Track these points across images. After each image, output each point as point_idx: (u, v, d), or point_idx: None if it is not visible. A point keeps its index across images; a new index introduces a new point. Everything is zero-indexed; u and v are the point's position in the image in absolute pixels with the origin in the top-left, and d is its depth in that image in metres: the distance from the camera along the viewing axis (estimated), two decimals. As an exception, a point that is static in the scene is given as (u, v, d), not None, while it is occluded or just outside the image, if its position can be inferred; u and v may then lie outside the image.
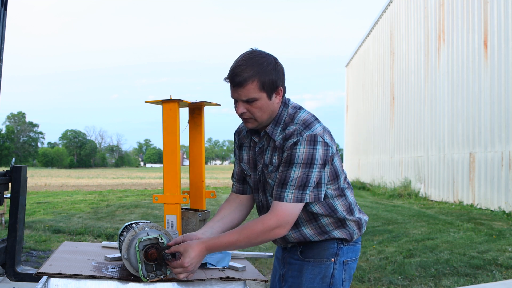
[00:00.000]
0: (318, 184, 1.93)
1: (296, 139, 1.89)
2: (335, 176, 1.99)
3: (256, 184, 2.09)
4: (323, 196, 1.96)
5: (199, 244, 1.89)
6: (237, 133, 2.21)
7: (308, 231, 2.03)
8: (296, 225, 2.02)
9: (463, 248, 6.56)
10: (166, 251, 1.91)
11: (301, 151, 1.87)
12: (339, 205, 2.01)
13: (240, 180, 2.19)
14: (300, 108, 2.03)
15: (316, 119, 1.99)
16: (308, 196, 1.91)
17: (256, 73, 1.89)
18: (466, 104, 12.40)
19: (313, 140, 1.88)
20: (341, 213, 2.02)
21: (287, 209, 1.89)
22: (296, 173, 1.87)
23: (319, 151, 1.88)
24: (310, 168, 1.87)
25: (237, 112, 1.98)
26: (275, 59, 1.97)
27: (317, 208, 1.99)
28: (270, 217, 1.89)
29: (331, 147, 1.94)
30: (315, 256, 2.04)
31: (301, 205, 1.91)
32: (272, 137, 1.98)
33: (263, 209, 2.10)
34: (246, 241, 1.89)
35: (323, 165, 1.91)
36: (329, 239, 2.04)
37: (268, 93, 1.93)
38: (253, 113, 1.95)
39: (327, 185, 1.97)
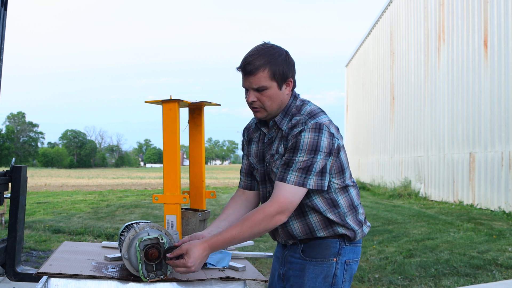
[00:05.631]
0: (322, 173, 1.92)
1: (301, 128, 1.92)
2: (341, 169, 2.00)
3: (263, 176, 2.11)
4: (326, 185, 1.95)
5: (202, 243, 1.88)
6: (246, 129, 2.25)
7: (314, 220, 2.01)
8: (303, 213, 2.02)
9: (463, 248, 6.56)
10: (168, 254, 1.90)
11: (306, 138, 1.89)
12: (342, 200, 2.02)
13: (248, 175, 2.22)
14: (308, 101, 2.07)
15: (323, 111, 2.02)
16: (311, 182, 1.90)
17: (267, 62, 1.94)
18: (466, 104, 12.40)
19: (318, 128, 1.91)
20: (343, 209, 2.01)
21: (287, 195, 1.88)
22: (300, 157, 1.89)
23: (324, 139, 1.91)
24: (315, 155, 1.89)
25: (247, 101, 2.01)
26: (286, 52, 2.02)
27: (319, 203, 1.99)
28: (270, 204, 1.89)
29: (337, 139, 1.96)
30: (317, 255, 2.03)
31: (302, 191, 1.90)
32: (280, 126, 2.01)
33: None
34: (248, 232, 1.88)
35: (329, 153, 1.92)
36: (333, 235, 2.03)
37: (278, 82, 1.97)
38: (263, 102, 1.99)
39: (332, 177, 1.98)
